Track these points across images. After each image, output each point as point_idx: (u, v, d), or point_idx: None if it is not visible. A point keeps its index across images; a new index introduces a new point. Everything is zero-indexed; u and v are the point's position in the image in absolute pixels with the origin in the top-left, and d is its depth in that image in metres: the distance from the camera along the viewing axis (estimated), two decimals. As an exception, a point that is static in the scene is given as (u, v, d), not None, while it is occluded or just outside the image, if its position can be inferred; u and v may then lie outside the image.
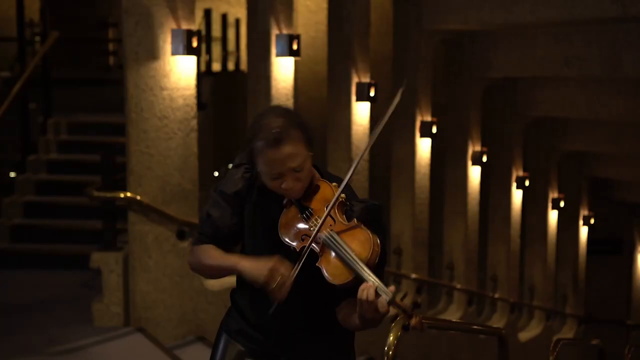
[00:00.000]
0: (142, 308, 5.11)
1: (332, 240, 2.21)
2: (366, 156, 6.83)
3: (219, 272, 2.38)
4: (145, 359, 4.73)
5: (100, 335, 4.94)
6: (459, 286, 8.44)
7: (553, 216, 10.40)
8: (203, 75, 8.17)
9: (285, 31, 5.94)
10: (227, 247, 2.39)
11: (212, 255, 2.36)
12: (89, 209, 6.47)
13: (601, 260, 13.60)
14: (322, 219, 2.24)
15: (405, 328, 2.10)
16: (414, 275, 7.72)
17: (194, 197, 5.22)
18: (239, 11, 10.25)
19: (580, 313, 11.32)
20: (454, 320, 7.88)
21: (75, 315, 5.27)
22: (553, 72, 7.43)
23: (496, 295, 9.24)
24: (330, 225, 2.25)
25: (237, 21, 10.17)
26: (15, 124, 7.17)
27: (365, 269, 2.12)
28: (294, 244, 2.25)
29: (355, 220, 2.25)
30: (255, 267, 2.23)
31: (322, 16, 9.65)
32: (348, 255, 2.16)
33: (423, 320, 2.08)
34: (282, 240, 2.28)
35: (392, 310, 2.10)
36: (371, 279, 2.10)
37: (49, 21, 7.85)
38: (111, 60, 10.48)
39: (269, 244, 2.31)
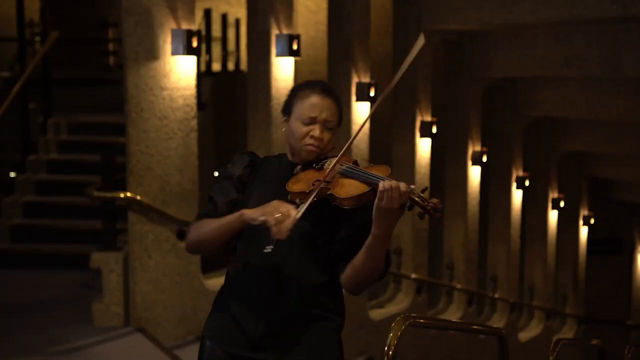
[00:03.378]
0: (142, 308, 5.11)
1: (350, 168, 2.28)
2: (366, 155, 6.83)
3: (221, 233, 2.37)
4: (145, 359, 4.73)
5: (100, 335, 4.94)
6: (459, 286, 8.45)
7: (553, 216, 10.40)
8: (203, 75, 8.16)
9: (285, 31, 5.94)
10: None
11: (213, 221, 2.40)
12: (89, 209, 6.47)
13: (601, 260, 13.61)
14: (337, 157, 2.30)
15: (421, 215, 2.15)
16: (414, 275, 7.72)
17: (194, 197, 5.22)
18: (239, 11, 10.25)
19: (580, 313, 11.33)
20: (454, 320, 7.88)
21: (75, 315, 5.27)
22: (553, 72, 7.43)
23: (496, 295, 9.24)
24: (345, 163, 2.31)
25: (237, 21, 10.17)
26: (15, 124, 7.17)
27: (386, 179, 2.16)
28: (305, 190, 2.26)
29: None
30: (257, 209, 2.27)
31: (322, 16, 9.65)
32: (366, 174, 2.23)
33: (439, 205, 2.12)
34: (289, 196, 2.29)
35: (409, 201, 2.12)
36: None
37: (49, 21, 7.85)
38: (111, 60, 10.47)
39: (271, 199, 2.33)
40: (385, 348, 2.69)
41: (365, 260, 2.23)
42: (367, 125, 6.92)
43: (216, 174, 9.28)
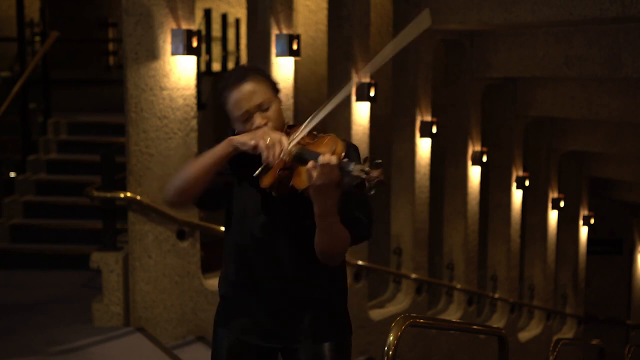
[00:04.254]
0: (142, 308, 5.11)
1: (299, 150, 2.21)
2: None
3: (208, 164, 2.34)
4: (145, 359, 4.73)
5: (100, 335, 4.94)
6: (459, 286, 8.44)
7: (553, 216, 10.40)
8: (203, 75, 8.17)
9: (285, 31, 5.94)
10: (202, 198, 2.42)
11: (196, 159, 2.39)
12: (89, 209, 6.48)
13: (601, 260, 13.60)
14: (293, 139, 2.24)
15: (370, 189, 1.98)
16: (414, 275, 7.72)
17: (194, 197, 5.21)
18: (239, 11, 10.25)
19: (580, 313, 11.32)
20: (454, 320, 7.87)
21: (75, 315, 5.28)
22: (553, 72, 7.43)
23: (496, 295, 9.24)
24: (298, 146, 2.26)
25: (237, 21, 10.17)
26: (15, 124, 7.18)
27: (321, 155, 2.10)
28: (274, 183, 2.24)
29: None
30: (246, 134, 2.26)
31: (322, 16, 9.65)
32: (312, 155, 2.14)
33: (382, 175, 1.98)
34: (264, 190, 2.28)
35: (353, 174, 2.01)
36: None
37: (49, 21, 7.86)
38: (111, 60, 10.47)
39: (254, 193, 2.34)
40: (385, 348, 2.69)
41: (321, 238, 2.20)
42: (367, 125, 6.92)
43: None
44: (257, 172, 2.21)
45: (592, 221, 11.47)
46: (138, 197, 4.96)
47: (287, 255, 2.35)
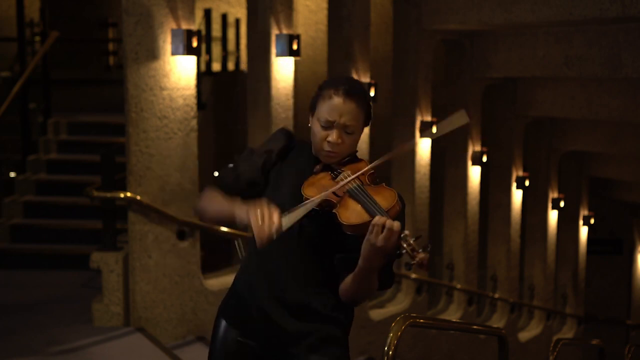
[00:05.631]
0: (142, 308, 5.11)
1: (358, 188, 2.23)
2: (366, 156, 6.83)
3: (220, 218, 2.38)
4: (145, 359, 4.73)
5: (100, 335, 4.94)
6: (459, 286, 8.44)
7: (553, 216, 10.40)
8: (203, 75, 8.17)
9: (285, 31, 5.94)
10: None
11: (218, 198, 2.39)
12: (89, 209, 6.48)
13: (601, 260, 13.60)
14: (351, 176, 2.26)
15: (408, 266, 2.09)
16: (414, 275, 7.72)
17: (194, 197, 5.22)
18: (239, 11, 10.25)
19: (580, 313, 11.32)
20: (454, 320, 7.88)
21: (75, 315, 5.28)
22: (553, 72, 7.43)
23: (496, 295, 9.24)
24: (358, 182, 2.28)
25: (237, 21, 10.17)
26: (15, 124, 7.18)
27: (384, 213, 2.12)
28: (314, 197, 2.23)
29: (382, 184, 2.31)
30: (247, 208, 2.23)
31: (322, 16, 9.65)
32: (370, 201, 2.17)
33: (425, 261, 2.06)
34: (303, 197, 2.27)
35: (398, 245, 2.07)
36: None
37: (49, 21, 7.86)
38: (111, 60, 10.48)
39: (289, 199, 2.31)
40: (385, 348, 2.69)
41: (354, 285, 2.23)
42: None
43: (216, 174, 9.28)
44: (239, 248, 2.27)
45: (592, 221, 11.47)
46: (138, 197, 4.96)
47: (307, 269, 2.36)
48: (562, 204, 10.38)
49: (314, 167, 2.37)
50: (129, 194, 4.98)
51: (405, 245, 2.08)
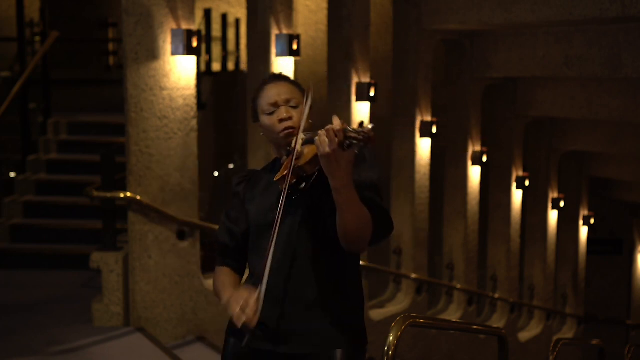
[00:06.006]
0: (142, 308, 5.11)
1: (307, 135, 2.32)
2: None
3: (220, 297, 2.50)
4: (145, 359, 4.73)
5: (100, 335, 4.94)
6: (459, 286, 8.45)
7: (553, 216, 10.40)
8: (203, 75, 8.17)
9: (285, 31, 5.94)
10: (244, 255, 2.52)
11: (218, 281, 2.51)
12: (89, 209, 6.48)
13: (601, 260, 13.60)
14: (298, 134, 2.34)
15: (360, 148, 2.10)
16: (414, 275, 7.72)
17: (194, 197, 5.22)
18: (239, 11, 10.25)
19: (580, 313, 11.32)
20: (454, 320, 7.88)
21: (75, 315, 5.27)
22: (553, 72, 7.43)
23: (496, 295, 9.24)
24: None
25: (237, 21, 10.17)
26: (15, 124, 7.18)
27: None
28: (284, 173, 2.32)
29: None
30: (228, 297, 2.34)
31: (322, 16, 9.65)
32: (314, 134, 2.23)
33: (371, 133, 2.07)
34: (280, 188, 2.34)
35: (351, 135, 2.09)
36: None
37: (49, 21, 7.86)
38: (111, 60, 10.48)
39: (270, 203, 2.42)
40: (385, 348, 2.68)
41: (342, 217, 2.21)
42: (368, 121, 6.91)
43: (216, 174, 9.28)
44: (244, 342, 2.30)
45: (592, 221, 11.47)
46: (138, 197, 4.96)
47: (305, 266, 2.36)
48: (562, 204, 10.39)
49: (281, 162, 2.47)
50: (129, 194, 4.98)
51: (351, 135, 2.10)
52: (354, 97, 6.73)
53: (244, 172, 2.64)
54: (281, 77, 2.53)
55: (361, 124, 2.14)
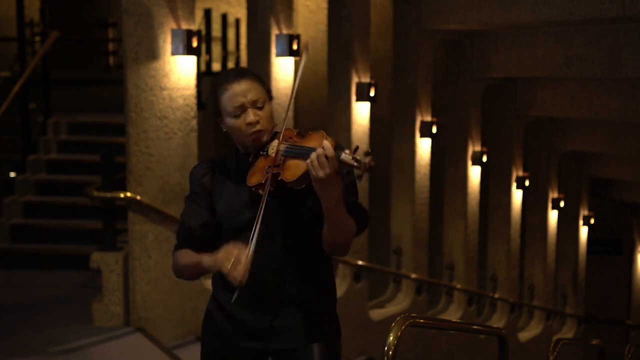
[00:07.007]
0: (142, 308, 5.11)
1: (289, 146, 2.28)
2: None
3: (192, 272, 2.45)
4: (145, 359, 4.73)
5: (100, 335, 4.94)
6: (459, 286, 8.45)
7: (553, 216, 10.40)
8: (203, 75, 8.17)
9: (285, 31, 5.94)
10: (206, 247, 2.43)
11: (184, 256, 2.44)
12: (89, 209, 6.48)
13: (601, 260, 13.60)
14: (278, 142, 2.31)
15: (359, 177, 2.09)
16: (414, 275, 7.72)
17: (194, 197, 5.21)
18: (239, 11, 10.24)
19: (580, 313, 11.32)
20: (454, 320, 7.87)
21: (75, 315, 5.28)
22: (553, 72, 7.43)
23: (496, 295, 9.24)
24: (285, 143, 2.32)
25: (237, 21, 10.17)
26: (15, 124, 7.18)
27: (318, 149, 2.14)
28: (262, 181, 2.28)
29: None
30: (212, 257, 2.29)
31: (322, 16, 9.64)
32: (302, 150, 2.22)
33: (372, 163, 2.05)
34: (252, 190, 2.32)
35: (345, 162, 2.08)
36: None
37: (49, 21, 7.85)
38: (111, 60, 10.48)
39: (241, 204, 2.37)
40: (385, 348, 2.69)
41: (331, 229, 2.23)
42: (367, 125, 6.91)
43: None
44: (233, 298, 2.25)
45: (592, 221, 11.47)
46: (138, 197, 4.96)
47: (279, 256, 2.36)
48: (562, 204, 10.39)
49: (248, 160, 2.41)
50: (129, 194, 4.98)
51: (347, 161, 2.08)
52: (354, 97, 6.73)
53: (207, 162, 2.53)
54: (244, 74, 2.41)
55: (356, 149, 2.10)
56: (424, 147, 7.73)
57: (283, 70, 5.98)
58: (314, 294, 2.41)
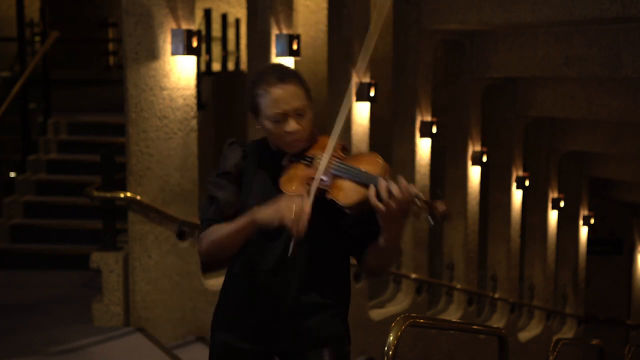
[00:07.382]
0: (142, 308, 5.11)
1: (341, 165, 2.15)
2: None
3: (236, 239, 2.28)
4: (145, 359, 4.73)
5: (100, 335, 4.94)
6: (459, 286, 8.44)
7: (553, 216, 10.40)
8: (203, 75, 8.17)
9: (285, 31, 5.94)
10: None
11: (223, 227, 2.29)
12: (89, 209, 6.48)
13: (601, 260, 13.60)
14: (325, 156, 2.16)
15: (431, 220, 1.98)
16: (414, 275, 7.72)
17: (194, 197, 5.22)
18: (239, 11, 10.25)
19: (580, 313, 11.32)
20: (454, 320, 7.87)
21: (75, 315, 5.27)
22: (553, 72, 7.42)
23: (496, 295, 9.24)
24: (335, 159, 2.20)
25: (237, 21, 10.17)
26: (15, 124, 7.18)
27: (380, 178, 2.02)
28: (302, 192, 2.17)
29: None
30: (270, 209, 2.15)
31: (322, 16, 9.65)
32: (358, 173, 2.09)
33: (447, 211, 1.94)
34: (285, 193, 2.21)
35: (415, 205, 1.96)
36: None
37: (49, 21, 7.86)
38: (111, 60, 10.48)
39: (263, 200, 2.27)
40: (385, 348, 2.68)
41: (383, 257, 2.22)
42: (367, 125, 6.91)
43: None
44: (290, 250, 2.13)
45: (592, 221, 11.47)
46: (138, 197, 4.96)
47: (306, 263, 2.31)
48: (562, 204, 10.39)
49: (282, 160, 2.31)
50: (129, 194, 4.98)
51: (418, 201, 1.96)
52: (354, 97, 6.71)
53: (242, 146, 2.43)
54: (287, 76, 2.26)
55: (433, 194, 2.06)
56: (424, 147, 7.73)
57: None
58: (334, 301, 2.39)
